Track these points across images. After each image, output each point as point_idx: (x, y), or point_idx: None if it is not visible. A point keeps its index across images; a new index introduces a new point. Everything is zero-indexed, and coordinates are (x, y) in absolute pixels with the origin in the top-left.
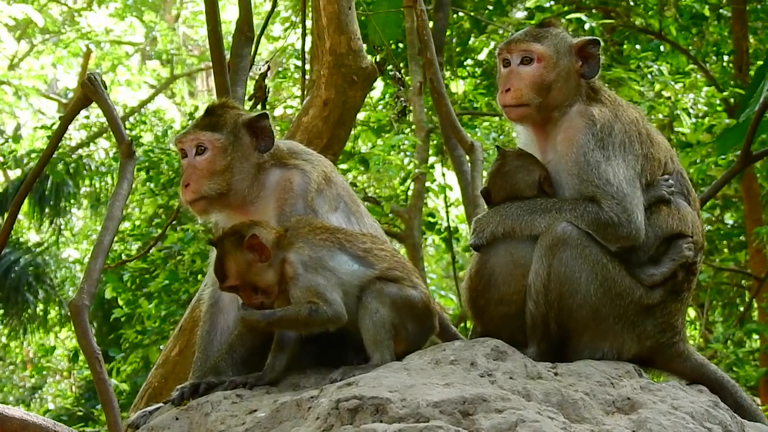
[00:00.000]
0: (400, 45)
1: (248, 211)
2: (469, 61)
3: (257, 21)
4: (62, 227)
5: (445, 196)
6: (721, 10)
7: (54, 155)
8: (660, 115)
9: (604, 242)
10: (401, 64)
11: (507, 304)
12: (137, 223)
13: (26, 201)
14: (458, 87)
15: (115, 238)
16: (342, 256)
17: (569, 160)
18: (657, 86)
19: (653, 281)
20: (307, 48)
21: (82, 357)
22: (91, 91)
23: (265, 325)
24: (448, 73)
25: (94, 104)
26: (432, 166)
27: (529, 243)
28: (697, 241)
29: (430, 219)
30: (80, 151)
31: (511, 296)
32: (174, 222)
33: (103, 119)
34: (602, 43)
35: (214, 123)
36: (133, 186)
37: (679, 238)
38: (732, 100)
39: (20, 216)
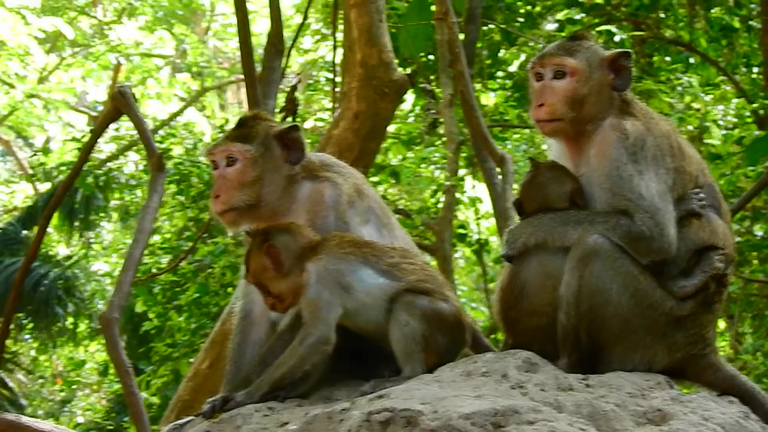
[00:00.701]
0: (431, 57)
1: None
2: (500, 74)
3: (288, 34)
4: (92, 240)
5: (476, 209)
6: (751, 22)
7: (84, 168)
8: (690, 127)
9: (635, 255)
10: (432, 77)
11: (538, 316)
12: (167, 236)
13: (56, 214)
14: (489, 99)
15: (145, 251)
16: (366, 270)
17: (602, 173)
18: (687, 98)
19: (684, 293)
20: (338, 60)
21: (112, 370)
22: (122, 103)
23: (271, 387)
24: (478, 86)
25: (123, 117)
26: (462, 179)
27: (561, 254)
28: (728, 253)
29: (461, 231)
30: (110, 164)
31: (543, 308)
32: (204, 235)
33: (133, 132)
34: (633, 55)
35: (245, 134)
36: (163, 199)
37: (711, 250)
38: (762, 111)
39: (50, 229)
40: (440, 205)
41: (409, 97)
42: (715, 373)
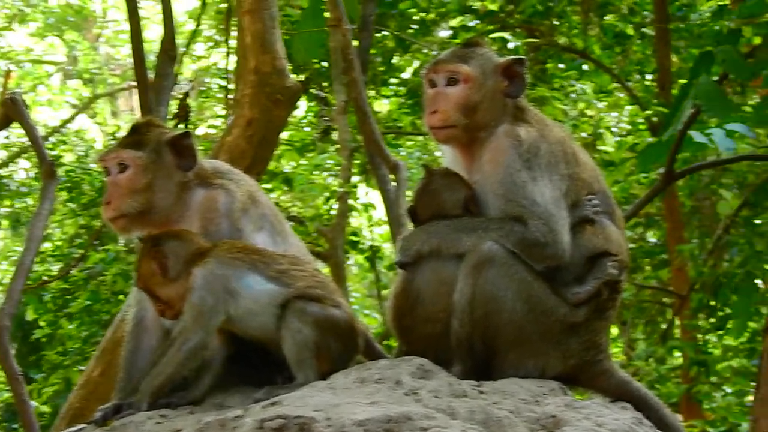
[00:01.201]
0: (324, 64)
1: None
2: (394, 80)
3: (181, 40)
4: None
5: (369, 216)
6: (644, 29)
7: None
8: (583, 134)
9: (529, 261)
10: (325, 84)
11: (433, 323)
12: (58, 243)
13: None
14: (382, 106)
15: (36, 259)
16: (254, 276)
17: (495, 180)
18: (580, 105)
19: (578, 299)
20: (231, 67)
21: (2, 378)
22: (12, 110)
23: (152, 396)
24: (372, 92)
25: (14, 124)
26: (356, 186)
27: (455, 261)
28: (621, 259)
29: (354, 238)
30: (0, 171)
31: (437, 315)
32: (96, 242)
33: (24, 139)
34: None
35: (136, 141)
36: (55, 206)
37: (604, 256)
38: (655, 118)
39: None
40: (333, 212)
41: (302, 104)
42: (609, 379)
